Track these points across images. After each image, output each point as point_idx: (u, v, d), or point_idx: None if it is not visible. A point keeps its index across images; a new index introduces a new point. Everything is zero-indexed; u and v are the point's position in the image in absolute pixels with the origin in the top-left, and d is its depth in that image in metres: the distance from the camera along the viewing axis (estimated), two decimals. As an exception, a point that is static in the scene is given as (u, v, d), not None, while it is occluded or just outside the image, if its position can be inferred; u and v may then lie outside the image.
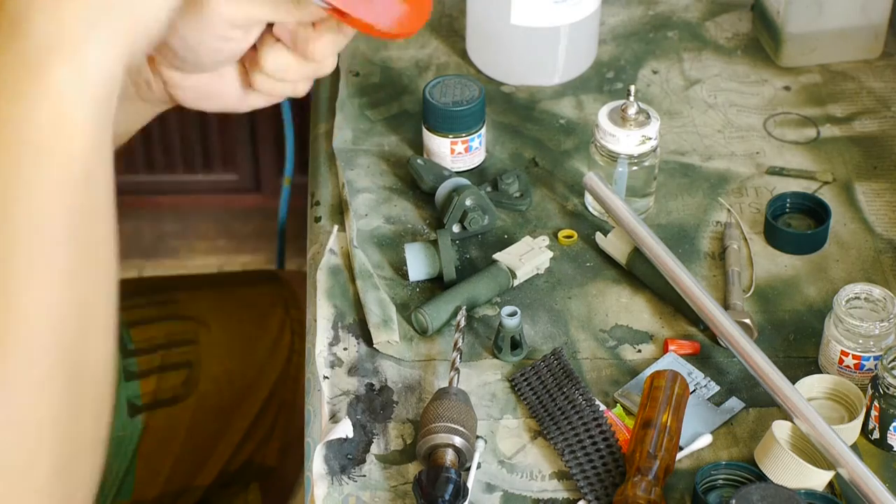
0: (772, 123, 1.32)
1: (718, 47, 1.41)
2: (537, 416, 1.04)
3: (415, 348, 1.10)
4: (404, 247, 1.15)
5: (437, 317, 1.10)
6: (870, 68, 1.39)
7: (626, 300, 1.15)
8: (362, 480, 1.00)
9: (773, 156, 1.29)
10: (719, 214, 1.22)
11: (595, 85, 1.37)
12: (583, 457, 1.00)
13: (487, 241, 1.20)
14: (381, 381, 1.07)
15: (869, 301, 1.06)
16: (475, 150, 1.25)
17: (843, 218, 1.22)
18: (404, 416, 1.05)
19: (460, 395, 1.02)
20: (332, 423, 1.03)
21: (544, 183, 1.25)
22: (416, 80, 1.37)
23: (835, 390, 1.04)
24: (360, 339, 1.11)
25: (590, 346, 1.11)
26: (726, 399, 1.06)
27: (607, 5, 1.45)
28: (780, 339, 1.11)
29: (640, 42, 1.42)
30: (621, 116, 1.18)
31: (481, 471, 1.01)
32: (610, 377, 1.08)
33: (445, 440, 0.99)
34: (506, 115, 1.33)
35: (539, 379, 1.06)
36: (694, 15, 1.46)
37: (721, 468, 0.99)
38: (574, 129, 1.32)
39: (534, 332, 1.12)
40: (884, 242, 1.20)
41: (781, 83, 1.37)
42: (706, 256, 1.18)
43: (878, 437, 1.03)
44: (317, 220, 1.22)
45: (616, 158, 1.19)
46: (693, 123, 1.32)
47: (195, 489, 1.37)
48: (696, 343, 1.10)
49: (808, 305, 1.14)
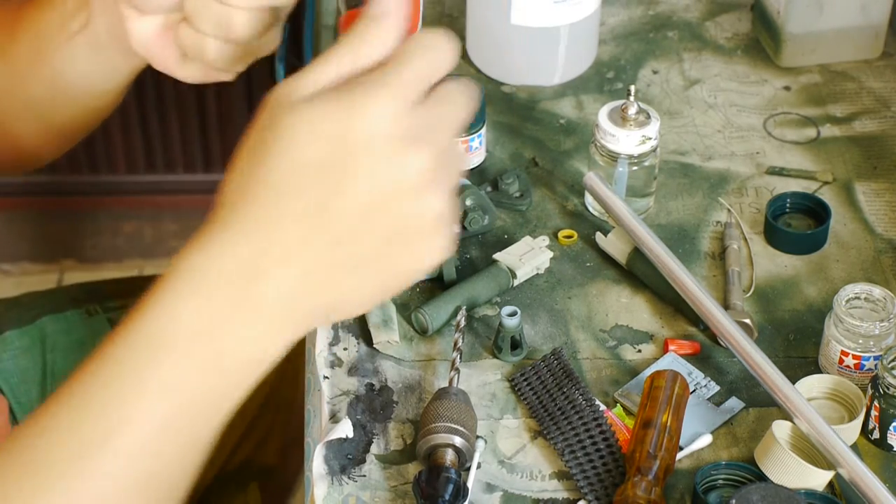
0: (772, 123, 1.32)
1: (718, 47, 1.41)
2: (537, 416, 1.04)
3: (415, 348, 1.10)
4: (404, 247, 1.15)
5: (437, 317, 1.10)
6: (870, 68, 1.39)
7: (626, 300, 1.15)
8: (362, 480, 1.00)
9: (773, 156, 1.28)
10: (719, 214, 1.22)
11: (595, 85, 1.37)
12: (583, 457, 1.00)
13: (487, 241, 1.20)
14: (381, 381, 1.07)
15: (869, 301, 1.06)
16: (475, 150, 1.25)
17: (843, 218, 1.22)
18: (404, 416, 1.05)
19: (460, 395, 1.02)
20: (332, 423, 1.03)
21: (544, 183, 1.25)
22: (416, 80, 1.37)
23: (835, 390, 1.04)
24: (360, 339, 1.11)
25: (590, 346, 1.11)
26: (726, 399, 1.06)
27: (607, 5, 1.45)
28: (780, 339, 1.11)
29: (640, 42, 1.42)
30: (621, 116, 1.18)
31: (481, 471, 1.01)
32: (610, 377, 1.08)
33: (445, 440, 0.99)
34: (506, 115, 1.33)
35: (539, 379, 1.06)
36: (694, 15, 1.45)
37: (721, 468, 0.99)
38: (574, 129, 1.31)
39: (534, 332, 1.12)
40: (884, 242, 1.19)
41: (781, 83, 1.37)
42: (706, 256, 1.18)
43: (878, 437, 1.03)
44: (317, 220, 1.22)
45: (616, 158, 1.19)
46: (693, 123, 1.32)
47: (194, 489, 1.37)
48: (696, 343, 1.10)
49: (808, 305, 1.14)
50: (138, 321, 0.76)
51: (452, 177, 0.79)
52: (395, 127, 0.75)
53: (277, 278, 0.75)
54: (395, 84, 0.76)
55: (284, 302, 0.76)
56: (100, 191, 2.27)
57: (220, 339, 0.76)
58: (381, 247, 0.76)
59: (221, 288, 0.75)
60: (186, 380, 0.76)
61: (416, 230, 0.77)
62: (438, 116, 0.78)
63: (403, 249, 0.77)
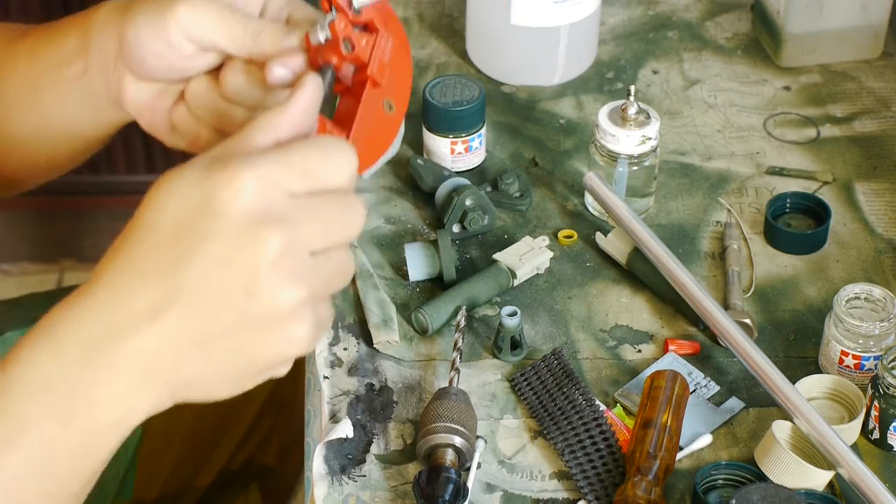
0: (772, 123, 1.32)
1: (718, 47, 1.41)
2: (537, 416, 1.04)
3: (415, 348, 1.10)
4: (404, 247, 1.15)
5: (437, 317, 1.10)
6: (870, 68, 1.39)
7: (626, 300, 1.15)
8: (362, 480, 1.00)
9: (773, 156, 1.29)
10: (719, 214, 1.22)
11: (595, 85, 1.37)
12: (583, 457, 1.00)
13: (487, 241, 1.20)
14: (381, 381, 1.07)
15: (869, 301, 1.06)
16: (475, 150, 1.25)
17: (843, 218, 1.22)
18: (404, 416, 1.05)
19: (460, 395, 1.02)
20: (332, 423, 1.03)
21: (544, 183, 1.25)
22: (416, 80, 1.37)
23: (835, 390, 1.04)
24: (360, 339, 1.11)
25: (590, 346, 1.11)
26: (726, 399, 1.06)
27: (607, 5, 1.45)
28: (780, 339, 1.11)
29: (640, 42, 1.42)
30: (621, 116, 1.18)
31: (481, 471, 1.01)
32: (610, 377, 1.08)
33: (445, 440, 0.99)
34: (506, 115, 1.33)
35: (539, 379, 1.06)
36: (694, 15, 1.45)
37: (721, 468, 0.99)
38: (574, 129, 1.32)
39: (534, 332, 1.12)
40: (884, 242, 1.19)
41: (781, 83, 1.37)
42: (706, 256, 1.18)
43: (878, 437, 1.03)
44: (317, 220, 1.22)
45: (616, 158, 1.19)
46: (693, 123, 1.32)
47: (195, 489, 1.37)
48: (696, 343, 1.10)
49: (808, 305, 1.14)
50: (5, 365, 0.76)
51: (322, 274, 0.76)
52: (260, 203, 0.73)
53: (130, 340, 0.74)
54: (276, 162, 0.74)
55: (140, 367, 0.75)
56: (100, 191, 2.28)
57: (73, 394, 0.75)
58: (234, 327, 0.74)
59: (76, 344, 0.75)
60: (40, 433, 0.75)
61: (271, 317, 0.74)
62: (316, 213, 0.75)
63: (258, 334, 0.75)
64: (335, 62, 0.88)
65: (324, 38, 0.87)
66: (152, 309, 0.74)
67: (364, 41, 0.89)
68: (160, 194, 0.75)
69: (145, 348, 0.74)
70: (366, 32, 0.89)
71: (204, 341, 0.75)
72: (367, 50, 0.89)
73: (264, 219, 0.73)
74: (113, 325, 0.74)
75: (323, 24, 0.87)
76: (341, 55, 0.88)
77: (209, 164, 0.74)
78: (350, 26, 0.88)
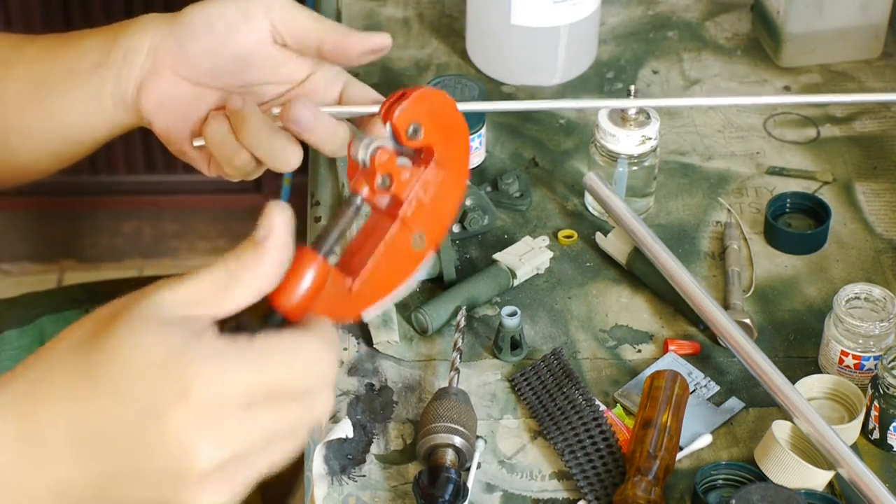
0: (772, 123, 1.32)
1: (718, 47, 1.41)
2: (537, 416, 1.04)
3: (415, 348, 1.10)
4: (404, 247, 1.15)
5: (437, 317, 1.10)
6: (870, 68, 1.39)
7: (626, 300, 1.15)
8: (362, 480, 1.00)
9: (773, 156, 1.28)
10: (719, 214, 1.22)
11: (595, 85, 1.37)
12: (583, 457, 1.00)
13: (487, 241, 1.20)
14: (381, 381, 1.07)
15: (869, 301, 1.06)
16: (475, 150, 1.25)
17: (843, 218, 1.22)
18: (404, 416, 1.05)
19: (460, 395, 1.02)
20: (331, 423, 1.03)
21: (544, 183, 1.25)
22: (416, 79, 1.37)
23: (835, 390, 1.04)
24: (360, 339, 1.11)
25: (590, 346, 1.11)
26: (726, 399, 1.06)
27: (607, 5, 1.45)
28: (780, 339, 1.11)
29: (640, 42, 1.42)
30: (621, 116, 1.18)
31: (481, 471, 1.01)
32: (610, 377, 1.08)
33: (445, 440, 0.99)
34: (506, 115, 1.33)
35: (539, 379, 1.06)
36: (694, 15, 1.45)
37: (721, 468, 0.99)
38: (574, 129, 1.32)
39: (534, 332, 1.12)
40: (884, 242, 1.19)
41: (781, 83, 1.37)
42: (706, 256, 1.18)
43: (878, 437, 1.03)
44: (317, 220, 1.22)
45: (616, 158, 1.19)
46: (693, 123, 1.32)
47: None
48: (696, 343, 1.10)
49: (808, 305, 1.14)
50: None
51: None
52: (208, 416, 0.66)
53: (45, 467, 0.69)
54: (242, 371, 0.67)
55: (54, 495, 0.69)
56: (99, 191, 2.27)
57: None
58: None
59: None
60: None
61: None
62: (266, 430, 0.69)
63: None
64: (366, 194, 0.78)
65: (361, 161, 0.78)
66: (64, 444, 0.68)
67: (407, 174, 0.78)
68: (121, 340, 0.67)
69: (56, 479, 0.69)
70: (414, 161, 0.80)
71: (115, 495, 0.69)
72: (408, 185, 0.79)
73: (204, 434, 0.67)
74: (27, 446, 0.68)
75: (367, 146, 0.78)
76: (374, 188, 0.78)
77: (179, 334, 0.67)
78: (394, 158, 0.78)
